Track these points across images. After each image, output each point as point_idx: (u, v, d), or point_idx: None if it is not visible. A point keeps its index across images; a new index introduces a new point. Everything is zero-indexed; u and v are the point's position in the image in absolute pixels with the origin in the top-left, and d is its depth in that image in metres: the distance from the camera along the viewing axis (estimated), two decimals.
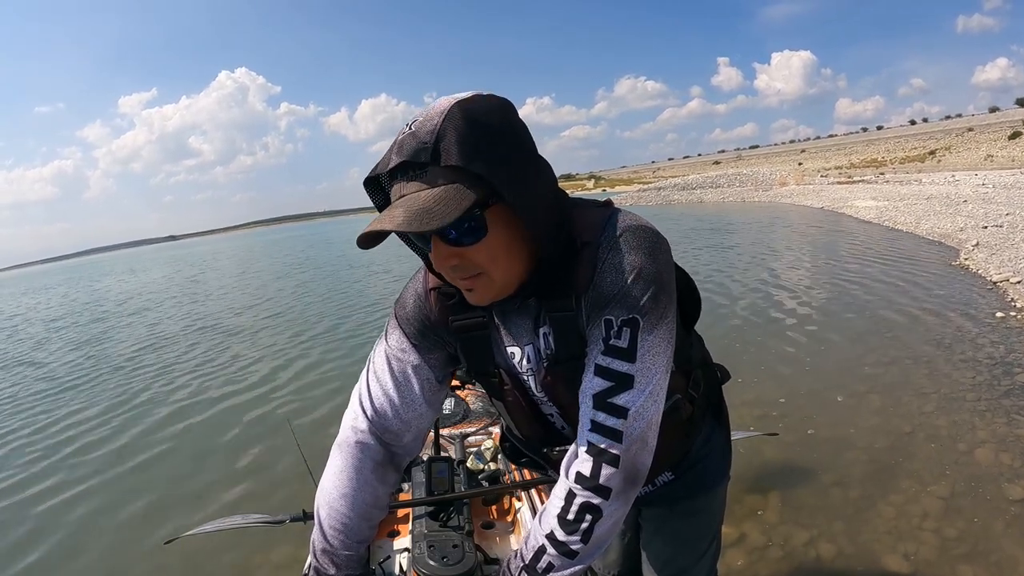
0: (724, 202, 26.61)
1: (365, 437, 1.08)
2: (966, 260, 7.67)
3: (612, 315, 0.89)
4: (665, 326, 0.91)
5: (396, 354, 1.09)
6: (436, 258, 0.89)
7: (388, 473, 1.12)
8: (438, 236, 0.86)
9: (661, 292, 0.89)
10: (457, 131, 0.81)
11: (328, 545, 1.07)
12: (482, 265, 0.88)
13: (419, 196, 0.82)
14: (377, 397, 1.09)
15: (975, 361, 4.34)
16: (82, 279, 39.03)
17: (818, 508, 2.87)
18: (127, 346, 9.71)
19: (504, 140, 0.85)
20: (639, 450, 0.90)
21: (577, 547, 0.90)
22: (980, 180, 17.87)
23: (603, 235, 0.91)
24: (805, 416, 3.82)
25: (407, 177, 0.84)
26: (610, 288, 0.89)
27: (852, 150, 58.87)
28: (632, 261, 0.89)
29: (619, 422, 0.88)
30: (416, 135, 0.82)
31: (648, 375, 0.89)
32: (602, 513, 0.89)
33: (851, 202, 16.96)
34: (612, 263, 0.89)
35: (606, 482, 0.88)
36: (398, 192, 0.86)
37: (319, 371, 6.53)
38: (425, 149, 0.81)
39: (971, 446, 3.21)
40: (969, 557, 2.41)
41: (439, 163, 0.81)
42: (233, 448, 4.64)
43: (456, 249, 0.87)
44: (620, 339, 0.89)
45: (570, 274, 0.93)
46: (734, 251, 11.36)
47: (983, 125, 57.70)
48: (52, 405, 6.70)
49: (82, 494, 4.18)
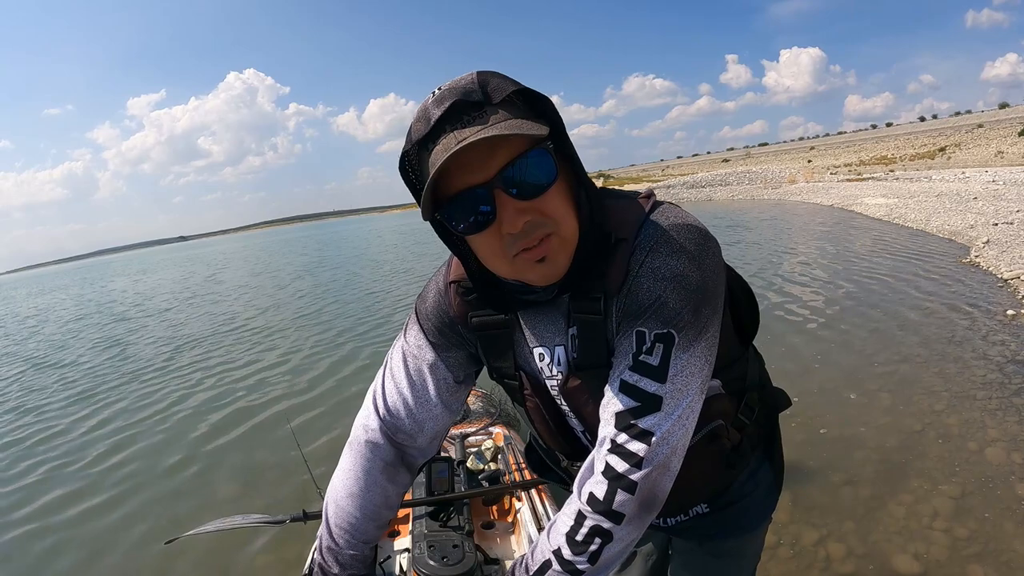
0: (734, 200, 26.50)
1: (376, 437, 1.05)
2: (976, 257, 7.59)
3: (645, 327, 0.80)
4: (704, 343, 0.82)
5: (412, 351, 1.04)
6: (507, 219, 0.76)
7: (399, 474, 1.08)
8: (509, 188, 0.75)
9: (704, 304, 0.80)
10: (498, 78, 0.76)
11: (333, 544, 1.06)
12: (558, 216, 0.78)
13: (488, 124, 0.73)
14: (391, 396, 1.04)
15: (986, 359, 4.30)
16: (96, 280, 39.24)
17: (828, 507, 2.85)
18: (132, 347, 9.76)
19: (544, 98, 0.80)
20: (659, 476, 0.81)
21: (583, 567, 0.83)
22: (990, 177, 17.72)
23: (641, 233, 0.82)
24: (816, 415, 3.79)
25: (461, 123, 0.73)
26: (646, 296, 0.80)
27: (862, 147, 58.57)
28: (673, 267, 0.79)
29: (641, 447, 0.79)
30: (455, 86, 0.75)
31: (679, 398, 0.80)
32: (612, 538, 0.82)
33: (861, 199, 16.85)
34: (650, 267, 0.80)
35: (620, 508, 0.80)
36: (454, 140, 0.73)
37: (320, 371, 6.51)
38: (474, 90, 0.74)
39: (982, 445, 3.17)
40: (980, 557, 2.38)
41: (492, 101, 0.74)
42: (233, 448, 4.66)
43: (527, 203, 0.76)
44: (652, 356, 0.80)
45: (601, 274, 0.84)
46: (744, 249, 11.30)
47: (993, 121, 57.38)
48: (54, 404, 6.75)
49: (82, 494, 4.20)
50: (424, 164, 0.79)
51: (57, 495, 4.23)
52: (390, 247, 22.58)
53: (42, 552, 3.50)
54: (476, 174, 0.75)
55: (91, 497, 4.13)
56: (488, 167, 0.74)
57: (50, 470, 4.75)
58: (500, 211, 0.76)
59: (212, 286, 19.67)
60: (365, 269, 18.28)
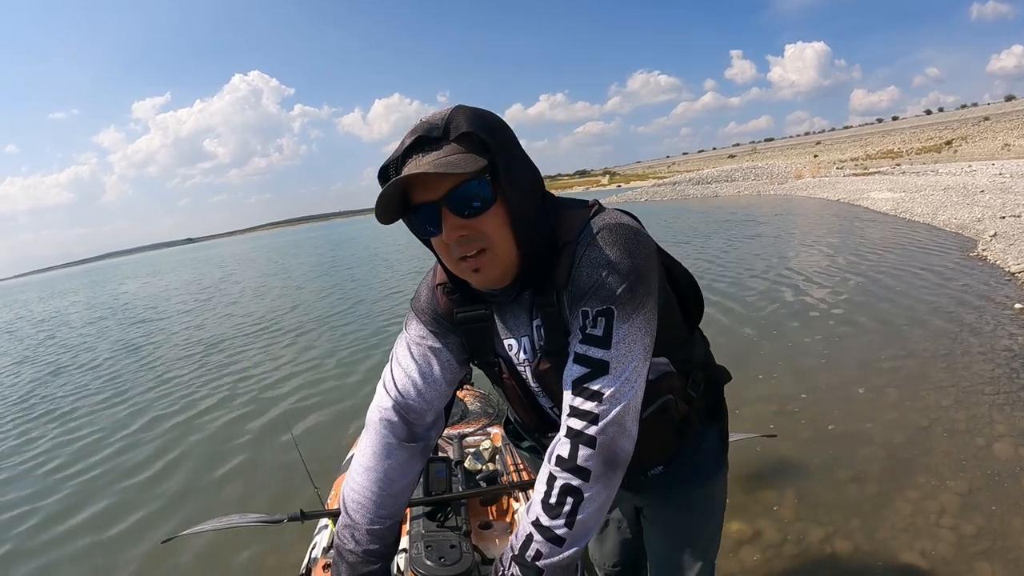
0: (740, 196, 26.48)
1: (389, 415, 1.14)
2: (984, 251, 7.56)
3: (588, 306, 0.95)
4: (643, 316, 0.96)
5: (416, 340, 1.16)
6: (446, 231, 0.94)
7: (413, 451, 1.17)
8: (450, 207, 0.93)
9: (638, 284, 0.95)
10: (463, 116, 0.93)
11: (350, 520, 1.11)
12: (488, 235, 0.95)
13: (441, 158, 0.90)
14: (400, 380, 1.15)
15: (993, 354, 4.27)
16: (105, 282, 39.45)
17: (835, 504, 2.82)
18: (131, 347, 9.80)
19: (502, 132, 0.96)
20: (616, 433, 0.93)
21: (562, 532, 0.92)
22: (997, 170, 17.66)
23: (581, 234, 0.98)
24: (822, 411, 3.77)
25: (422, 152, 0.93)
26: (586, 281, 0.95)
27: (867, 141, 58.38)
28: (607, 256, 0.95)
29: (594, 405, 0.92)
30: (428, 122, 0.94)
31: (623, 362, 0.94)
32: (583, 496, 0.91)
33: (867, 194, 16.80)
34: (588, 259, 0.96)
35: (584, 463, 0.92)
36: (414, 165, 0.92)
37: (321, 372, 6.53)
38: (437, 127, 0.92)
39: (989, 440, 3.14)
40: (987, 554, 2.36)
41: (450, 138, 0.92)
42: (231, 448, 4.66)
43: (465, 221, 0.93)
44: (596, 328, 0.94)
45: (551, 272, 1.00)
46: (750, 244, 11.28)
47: (999, 114, 57.07)
48: (58, 404, 6.77)
49: (81, 494, 4.22)
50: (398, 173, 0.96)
51: (55, 495, 4.25)
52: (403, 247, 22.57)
53: (39, 550, 3.51)
54: (430, 193, 0.93)
55: (89, 496, 4.14)
56: (439, 189, 0.92)
57: (48, 469, 4.78)
58: (444, 224, 0.94)
59: (228, 287, 19.71)
60: (380, 268, 18.32)
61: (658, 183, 40.40)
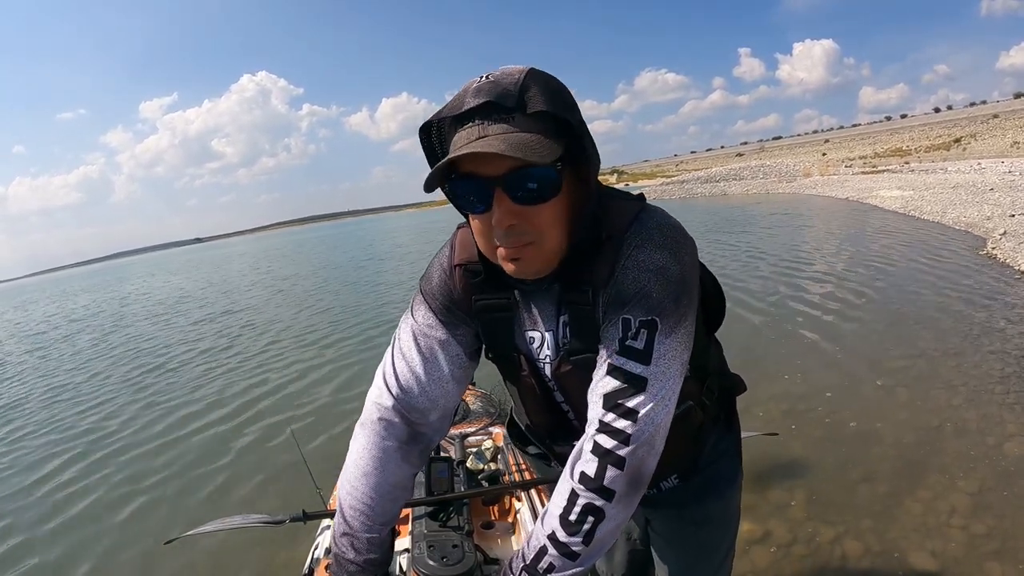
0: (748, 194, 26.37)
1: (389, 415, 1.05)
2: (993, 249, 7.50)
3: (631, 315, 0.87)
4: (683, 330, 0.89)
5: (423, 330, 1.06)
6: (498, 215, 0.84)
7: (413, 454, 1.08)
8: (508, 190, 0.83)
9: (683, 295, 0.88)
10: (540, 86, 0.83)
11: (348, 528, 1.03)
12: (541, 228, 0.86)
13: (514, 134, 0.80)
14: (403, 374, 1.05)
15: (1004, 353, 4.23)
16: (124, 280, 39.62)
17: (845, 504, 2.81)
18: (133, 347, 9.83)
19: (578, 112, 0.86)
20: (645, 454, 0.87)
21: (578, 548, 0.86)
22: (1007, 167, 17.52)
23: (628, 231, 0.90)
24: (833, 410, 3.75)
25: (491, 119, 0.81)
26: (631, 286, 0.88)
27: (876, 139, 58.09)
28: (656, 260, 0.87)
29: (628, 424, 0.85)
30: (498, 83, 0.82)
31: (662, 379, 0.87)
32: (604, 515, 0.86)
33: (876, 192, 16.71)
34: (635, 260, 0.88)
35: (610, 484, 0.85)
36: (477, 133, 0.81)
37: (323, 371, 6.54)
38: (511, 95, 0.81)
39: (1000, 440, 3.12)
40: (998, 555, 2.34)
41: (525, 111, 0.81)
42: (233, 448, 4.67)
43: (520, 208, 0.84)
44: (637, 340, 0.87)
45: (590, 267, 0.92)
46: (759, 243, 11.23)
47: (1008, 112, 56.71)
48: (61, 404, 6.81)
49: (82, 494, 4.23)
50: (448, 138, 0.87)
51: (55, 495, 4.27)
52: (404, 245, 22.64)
53: (41, 552, 3.52)
54: (488, 167, 0.82)
55: (89, 496, 4.16)
56: (500, 166, 0.81)
57: (49, 470, 4.79)
58: (496, 205, 0.84)
59: (241, 286, 19.78)
60: (385, 268, 18.36)
61: (666, 182, 40.40)
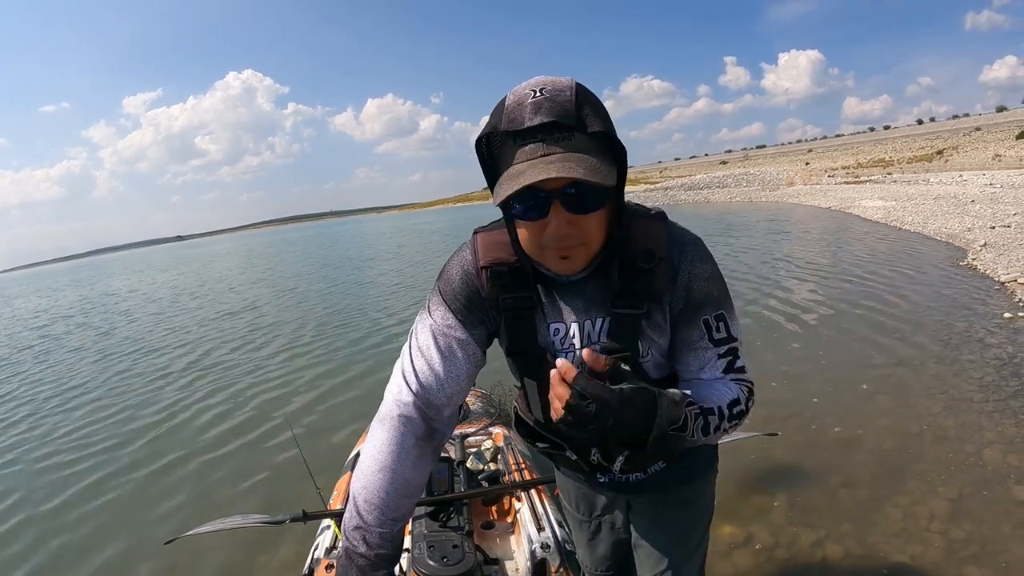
0: (731, 202, 26.50)
1: (409, 411, 1.08)
2: (974, 260, 7.62)
3: (707, 315, 1.06)
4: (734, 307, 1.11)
5: (442, 329, 1.10)
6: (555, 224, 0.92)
7: (428, 451, 1.11)
8: (565, 204, 0.90)
9: (726, 288, 1.09)
10: (591, 105, 0.90)
11: (361, 521, 1.03)
12: (590, 234, 0.95)
13: (581, 156, 0.87)
14: (422, 371, 1.09)
15: (983, 362, 4.31)
16: (105, 277, 39.08)
17: (826, 509, 2.86)
18: (132, 347, 9.75)
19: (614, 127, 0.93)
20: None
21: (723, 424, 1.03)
22: (988, 180, 17.75)
23: (672, 250, 1.05)
24: (813, 417, 3.81)
25: (552, 139, 0.87)
26: (701, 296, 1.06)
27: (859, 150, 58.63)
28: (707, 270, 1.06)
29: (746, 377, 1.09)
30: (556, 100, 0.87)
31: (742, 343, 1.10)
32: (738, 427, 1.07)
33: (858, 202, 16.88)
34: (696, 275, 1.05)
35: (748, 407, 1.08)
36: (541, 151, 0.88)
37: (323, 372, 6.52)
38: (570, 114, 0.87)
39: (979, 447, 3.19)
40: (977, 559, 2.39)
41: (584, 131, 0.88)
42: (233, 448, 4.65)
43: (576, 217, 0.91)
44: (720, 331, 1.07)
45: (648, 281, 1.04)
46: (741, 251, 11.31)
47: (991, 124, 57.41)
48: (61, 403, 6.74)
49: (82, 494, 4.19)
50: (506, 151, 0.93)
51: (55, 495, 4.23)
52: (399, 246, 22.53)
53: (42, 553, 3.49)
54: (548, 181, 0.87)
55: (89, 496, 4.12)
56: (559, 180, 0.87)
57: (49, 471, 4.75)
58: (553, 215, 0.91)
59: (231, 285, 19.59)
60: (381, 267, 18.25)
61: (650, 188, 40.43)
